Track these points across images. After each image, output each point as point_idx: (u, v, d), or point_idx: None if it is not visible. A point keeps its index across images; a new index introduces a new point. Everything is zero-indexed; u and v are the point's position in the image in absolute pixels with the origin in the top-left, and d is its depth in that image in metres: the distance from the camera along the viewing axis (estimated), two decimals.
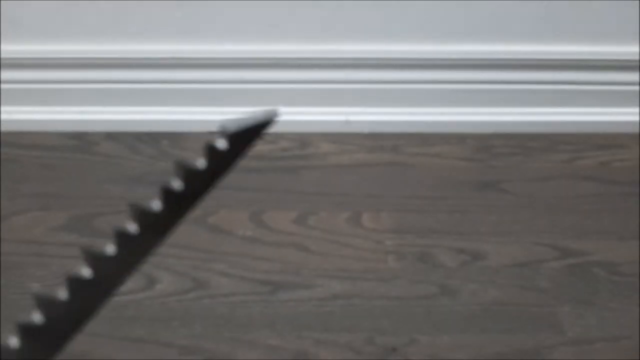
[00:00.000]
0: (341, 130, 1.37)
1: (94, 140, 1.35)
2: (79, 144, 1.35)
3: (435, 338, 1.01)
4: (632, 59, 1.36)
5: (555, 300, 1.07)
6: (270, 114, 0.39)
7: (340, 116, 1.37)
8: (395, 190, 1.26)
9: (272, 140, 1.34)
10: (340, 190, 1.26)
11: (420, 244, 1.16)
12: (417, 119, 1.39)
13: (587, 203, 1.24)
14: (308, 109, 1.38)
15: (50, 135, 1.35)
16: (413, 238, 1.17)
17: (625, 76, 1.38)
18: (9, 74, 1.34)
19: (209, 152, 0.39)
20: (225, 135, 0.39)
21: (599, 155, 1.34)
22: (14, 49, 1.34)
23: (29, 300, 1.17)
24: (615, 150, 1.35)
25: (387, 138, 1.37)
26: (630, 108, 1.39)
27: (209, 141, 0.39)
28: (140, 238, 0.39)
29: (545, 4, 1.34)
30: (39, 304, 0.39)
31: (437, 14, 1.34)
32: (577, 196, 1.26)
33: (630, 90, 1.38)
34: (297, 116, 1.36)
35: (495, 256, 1.14)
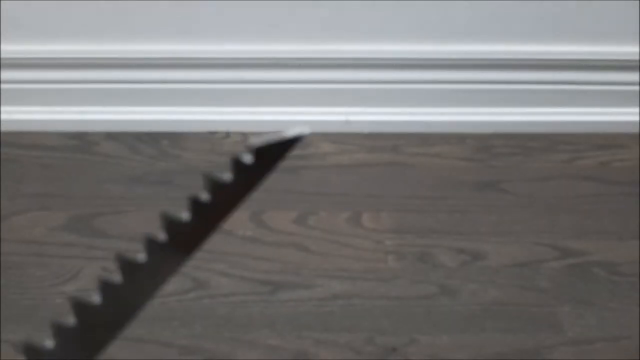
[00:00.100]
0: (341, 130, 1.37)
1: (94, 140, 1.35)
2: (79, 144, 1.35)
3: (435, 338, 1.01)
4: (632, 59, 1.36)
5: (555, 300, 1.07)
6: (297, 132, 0.41)
7: (340, 116, 1.37)
8: (395, 190, 1.26)
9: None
10: (340, 190, 1.26)
11: (420, 244, 1.16)
12: (417, 119, 1.39)
13: (587, 203, 1.24)
14: (308, 109, 1.38)
15: (50, 135, 1.35)
16: (413, 238, 1.17)
17: (625, 76, 1.38)
18: (9, 74, 1.34)
19: (235, 166, 0.40)
20: (252, 150, 0.40)
21: (599, 155, 1.34)
22: (14, 49, 1.34)
23: (28, 300, 1.16)
24: (615, 150, 1.35)
25: (387, 138, 1.37)
26: (630, 108, 1.39)
27: (235, 155, 0.40)
28: (170, 247, 0.41)
29: (545, 4, 1.34)
30: (73, 307, 0.40)
31: (437, 14, 1.34)
32: (577, 196, 1.26)
33: (630, 90, 1.38)
34: (297, 116, 1.36)
35: (495, 256, 1.14)
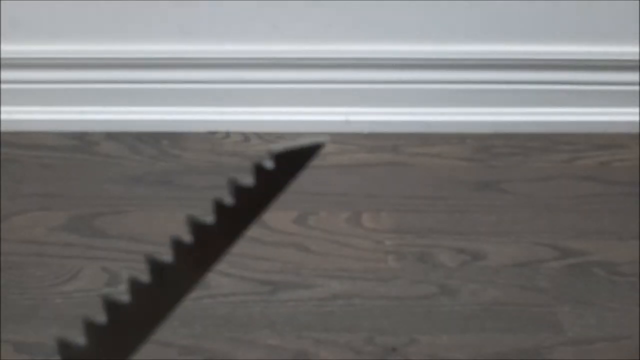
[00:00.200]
0: (341, 130, 1.37)
1: (94, 140, 1.35)
2: (79, 144, 1.35)
3: (435, 338, 1.01)
4: (632, 59, 1.36)
5: (555, 300, 1.07)
6: (318, 140, 0.41)
7: (340, 116, 1.37)
8: (395, 190, 1.26)
9: (272, 140, 1.34)
10: (340, 190, 1.26)
11: (420, 244, 1.16)
12: (417, 119, 1.39)
13: (587, 203, 1.24)
14: (308, 109, 1.38)
15: (50, 135, 1.35)
16: (413, 238, 1.17)
17: (625, 76, 1.38)
18: (9, 74, 1.34)
19: (256, 171, 0.42)
20: (272, 156, 0.42)
21: (599, 155, 1.34)
22: (14, 49, 1.34)
23: (28, 300, 1.16)
24: (615, 150, 1.35)
25: (387, 138, 1.37)
26: (630, 108, 1.39)
27: (257, 161, 0.42)
28: (196, 249, 0.42)
29: (545, 4, 1.34)
30: (104, 305, 0.40)
31: (437, 14, 1.34)
32: (577, 196, 1.26)
33: (630, 90, 1.38)
34: (297, 116, 1.36)
35: (495, 256, 1.14)
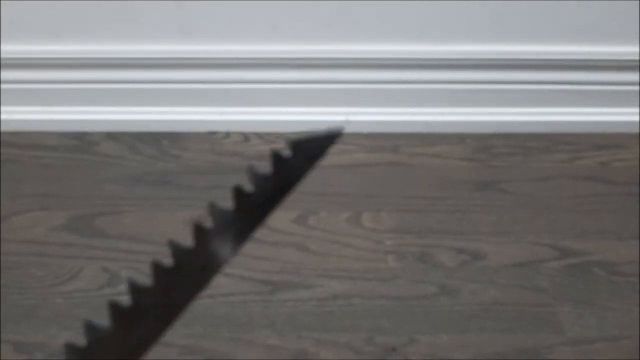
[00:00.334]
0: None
1: (94, 140, 1.35)
2: (79, 144, 1.35)
3: (435, 338, 1.01)
4: (632, 59, 1.36)
5: (555, 300, 1.07)
6: (336, 128, 0.42)
7: (340, 116, 1.37)
8: (395, 190, 1.26)
9: (272, 140, 1.35)
10: (340, 190, 1.26)
11: (420, 244, 1.16)
12: (417, 119, 1.39)
13: (587, 203, 1.24)
14: (308, 109, 1.38)
15: (50, 135, 1.35)
16: (413, 238, 1.17)
17: (625, 76, 1.38)
18: (9, 74, 1.34)
19: (274, 159, 0.42)
20: (290, 144, 0.42)
21: (599, 155, 1.34)
22: (14, 49, 1.34)
23: (28, 300, 1.16)
24: (615, 150, 1.35)
25: (387, 138, 1.37)
26: (630, 108, 1.39)
27: (274, 148, 0.42)
28: (217, 235, 0.42)
29: (545, 4, 1.34)
30: (129, 288, 0.41)
31: (437, 14, 1.34)
32: (577, 196, 1.26)
33: (630, 90, 1.38)
34: (297, 116, 1.36)
35: (495, 256, 1.14)
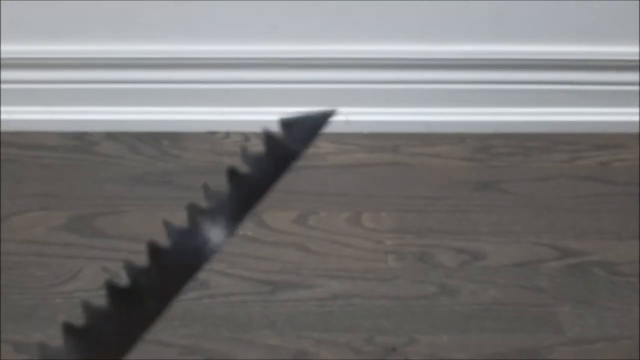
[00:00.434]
0: (341, 130, 1.37)
1: (94, 140, 1.35)
2: (79, 144, 1.35)
3: (435, 338, 1.01)
4: (632, 59, 1.36)
5: (555, 300, 1.07)
6: (328, 112, 0.42)
7: (340, 116, 1.37)
8: (395, 190, 1.27)
9: None
10: (340, 190, 1.26)
11: (420, 244, 1.16)
12: (417, 119, 1.39)
13: (587, 203, 1.24)
14: (308, 109, 1.37)
15: (50, 135, 1.35)
16: (413, 238, 1.17)
17: (625, 76, 1.38)
18: (9, 74, 1.34)
19: (266, 140, 0.43)
20: (282, 124, 0.43)
21: (599, 155, 1.34)
22: (14, 49, 1.34)
23: (28, 300, 1.16)
24: (615, 150, 1.35)
25: (387, 138, 1.37)
26: (630, 108, 1.39)
27: (267, 129, 0.43)
28: (212, 215, 0.43)
29: (545, 4, 1.34)
30: (127, 270, 0.42)
31: (437, 14, 1.34)
32: (577, 196, 1.26)
33: (630, 90, 1.38)
34: None
35: (495, 256, 1.14)
